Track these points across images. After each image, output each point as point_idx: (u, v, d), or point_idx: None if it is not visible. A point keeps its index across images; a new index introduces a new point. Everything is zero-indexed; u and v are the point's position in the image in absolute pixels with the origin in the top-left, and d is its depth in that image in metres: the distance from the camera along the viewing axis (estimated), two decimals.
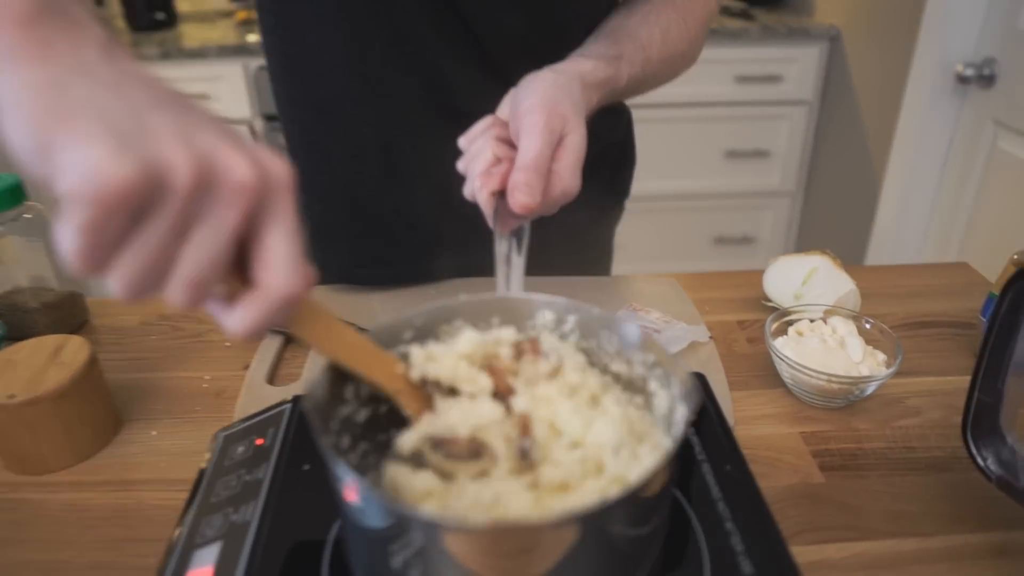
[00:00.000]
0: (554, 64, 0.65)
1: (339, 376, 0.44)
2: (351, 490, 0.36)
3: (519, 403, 0.44)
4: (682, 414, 0.42)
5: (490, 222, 0.58)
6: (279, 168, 0.35)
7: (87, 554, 0.54)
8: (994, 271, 0.79)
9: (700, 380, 0.63)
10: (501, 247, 0.56)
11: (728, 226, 2.50)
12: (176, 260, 0.33)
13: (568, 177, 0.59)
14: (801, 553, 0.50)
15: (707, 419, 0.59)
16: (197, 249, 0.33)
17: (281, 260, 0.35)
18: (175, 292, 0.34)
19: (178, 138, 0.33)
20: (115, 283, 0.33)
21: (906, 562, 0.53)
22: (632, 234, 1.31)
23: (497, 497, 0.39)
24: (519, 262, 0.56)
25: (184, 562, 0.47)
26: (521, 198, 0.55)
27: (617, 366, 0.49)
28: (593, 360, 0.51)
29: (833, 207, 2.34)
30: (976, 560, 0.53)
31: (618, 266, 1.09)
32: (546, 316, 0.51)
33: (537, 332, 0.51)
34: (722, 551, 0.49)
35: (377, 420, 0.47)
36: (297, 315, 0.39)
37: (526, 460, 0.42)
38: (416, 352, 0.46)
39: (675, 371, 0.43)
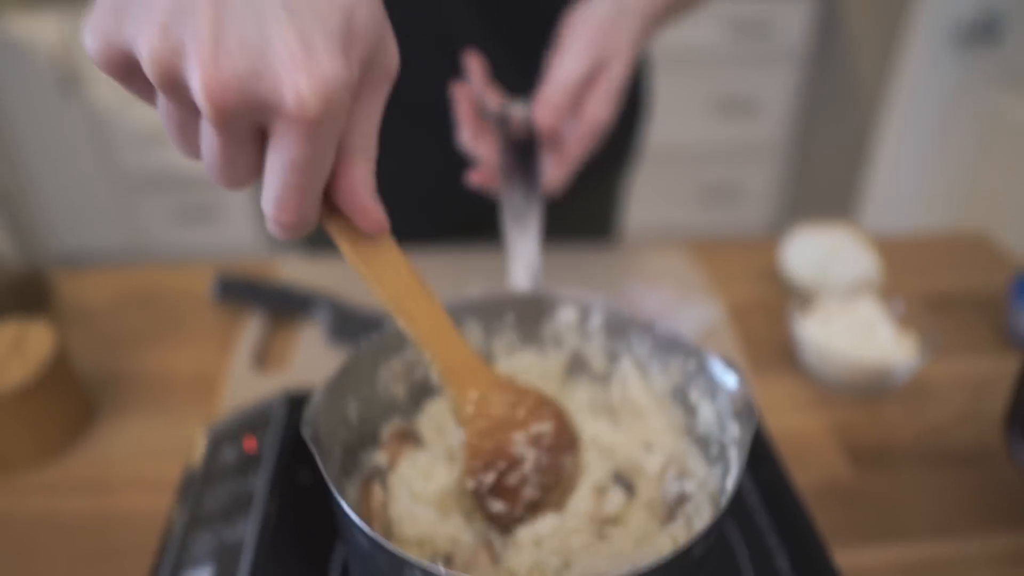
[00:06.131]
0: None
1: (340, 390, 0.39)
2: (360, 537, 0.31)
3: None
4: (736, 441, 0.37)
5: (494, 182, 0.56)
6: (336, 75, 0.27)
7: (62, 570, 0.49)
8: (998, 235, 0.78)
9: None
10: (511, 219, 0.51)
11: (716, 178, 2.43)
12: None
13: (601, 105, 0.54)
14: (837, 558, 0.46)
15: None
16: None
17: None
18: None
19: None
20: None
21: (945, 565, 0.50)
22: None
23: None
24: (531, 245, 0.50)
25: None
26: (545, 112, 0.52)
27: (654, 374, 0.45)
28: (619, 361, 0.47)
29: (825, 164, 2.30)
30: (1021, 565, 0.50)
31: None
32: (567, 315, 0.46)
33: (559, 333, 0.47)
34: (762, 559, 0.46)
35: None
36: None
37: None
38: None
39: (723, 381, 0.39)
